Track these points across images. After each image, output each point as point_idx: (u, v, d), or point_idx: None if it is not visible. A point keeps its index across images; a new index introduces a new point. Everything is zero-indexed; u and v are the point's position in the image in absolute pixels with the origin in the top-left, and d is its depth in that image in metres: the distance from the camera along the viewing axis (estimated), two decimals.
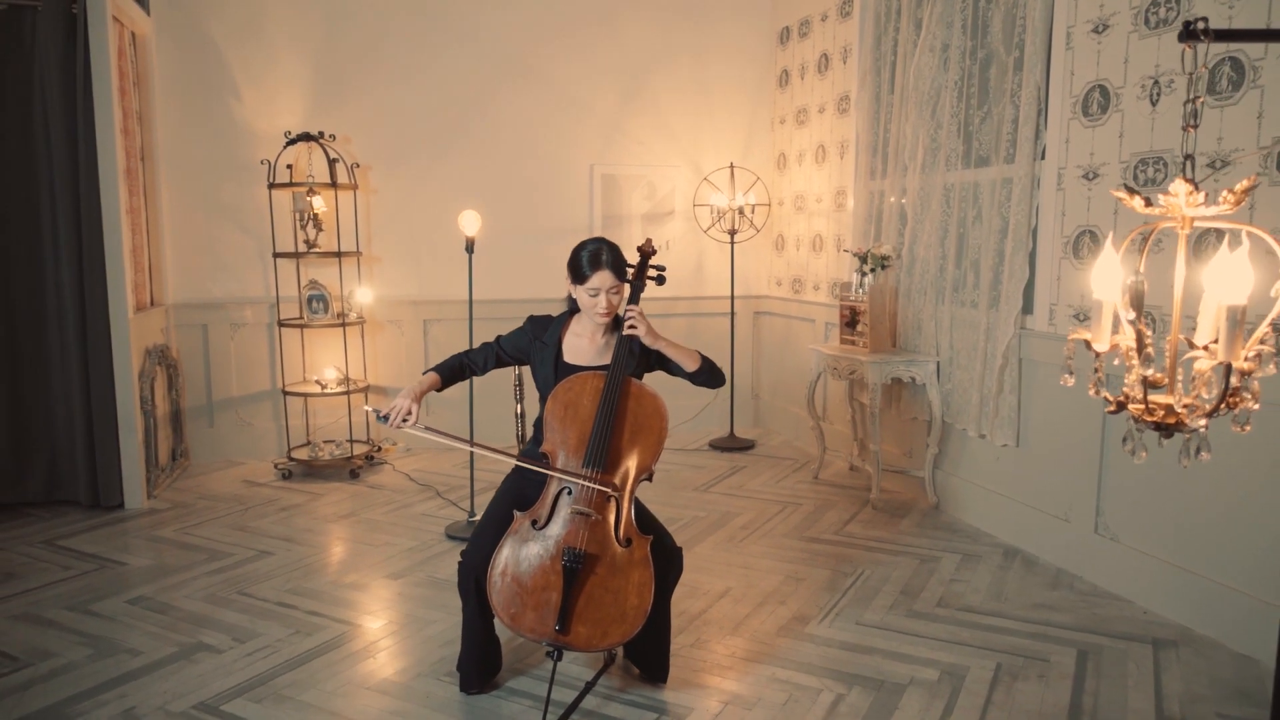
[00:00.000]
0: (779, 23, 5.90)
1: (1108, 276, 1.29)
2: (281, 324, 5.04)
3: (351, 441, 5.19)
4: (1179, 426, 1.25)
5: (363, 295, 5.23)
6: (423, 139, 5.43)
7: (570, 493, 2.48)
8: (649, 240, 2.88)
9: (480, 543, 2.50)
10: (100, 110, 4.09)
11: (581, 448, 2.51)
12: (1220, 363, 1.18)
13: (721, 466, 5.22)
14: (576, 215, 5.78)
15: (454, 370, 2.72)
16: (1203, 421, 1.19)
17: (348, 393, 5.06)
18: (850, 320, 4.62)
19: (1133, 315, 1.24)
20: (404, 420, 2.49)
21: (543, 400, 2.63)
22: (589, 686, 2.61)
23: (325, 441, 5.13)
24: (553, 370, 2.65)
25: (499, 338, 2.80)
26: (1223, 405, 1.20)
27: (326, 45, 5.22)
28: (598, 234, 5.81)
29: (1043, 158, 3.65)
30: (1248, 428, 1.20)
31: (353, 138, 5.29)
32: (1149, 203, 1.25)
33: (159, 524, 4.13)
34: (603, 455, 2.48)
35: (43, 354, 4.26)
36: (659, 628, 2.58)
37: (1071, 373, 1.34)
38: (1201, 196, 1.20)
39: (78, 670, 2.73)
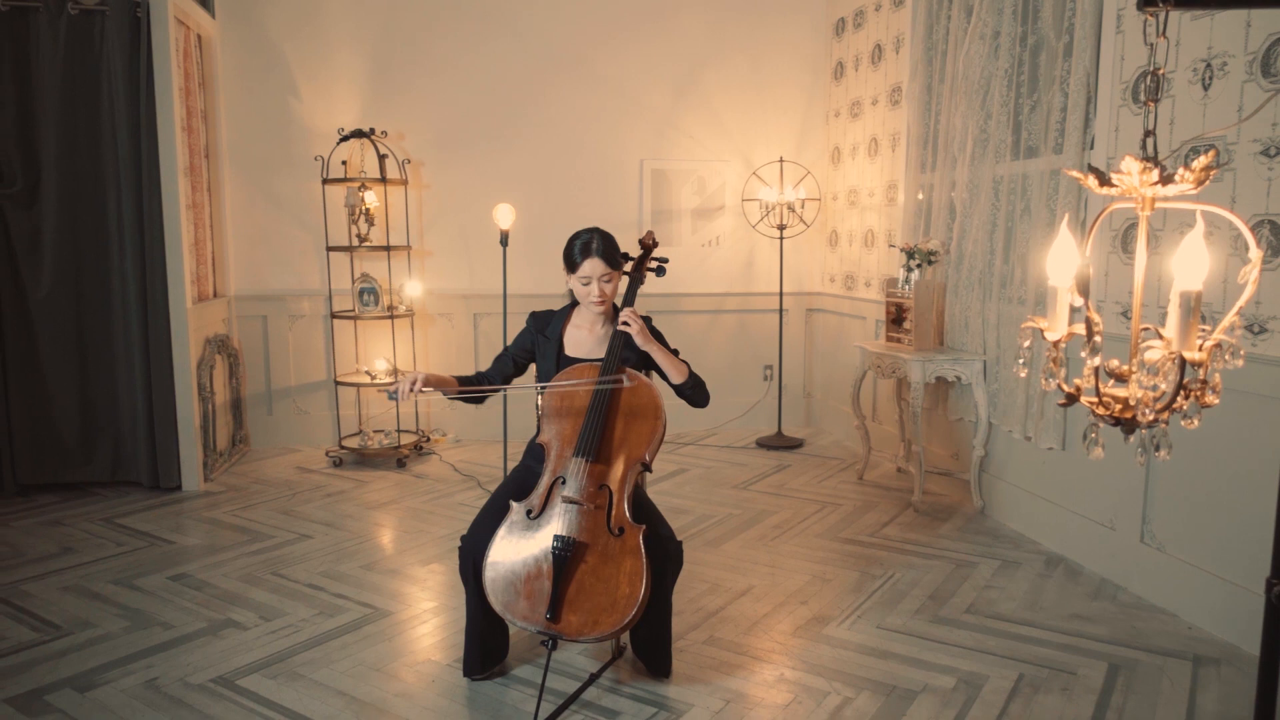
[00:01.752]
0: (834, 14, 5.78)
1: (1063, 261, 1.22)
2: (334, 316, 5.19)
3: (399, 431, 5.31)
4: (1135, 422, 1.17)
5: (412, 288, 5.34)
6: (474, 134, 5.51)
7: (564, 482, 2.49)
8: (650, 233, 2.89)
9: (479, 528, 2.54)
10: (161, 109, 4.29)
11: (576, 438, 2.52)
12: (1170, 353, 1.10)
13: (765, 465, 5.15)
14: (626, 210, 5.78)
15: (470, 380, 2.72)
16: (1149, 416, 1.11)
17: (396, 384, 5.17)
18: (896, 317, 4.50)
19: (1080, 302, 1.17)
20: (411, 388, 2.46)
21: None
22: (592, 678, 2.61)
23: (375, 431, 5.26)
24: (554, 363, 2.68)
25: (507, 346, 2.83)
26: (1180, 399, 1.12)
27: (382, 44, 5.35)
28: (647, 229, 5.80)
29: (1091, 147, 3.49)
30: (1194, 422, 1.12)
31: (406, 134, 5.41)
32: (1104, 182, 1.18)
33: (211, 506, 4.30)
34: (594, 444, 2.49)
35: (109, 342, 4.49)
36: (659, 621, 2.56)
37: (1026, 363, 1.27)
38: (1155, 174, 1.12)
39: (113, 640, 2.87)
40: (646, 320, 2.73)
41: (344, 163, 5.13)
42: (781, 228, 5.60)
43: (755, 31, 5.78)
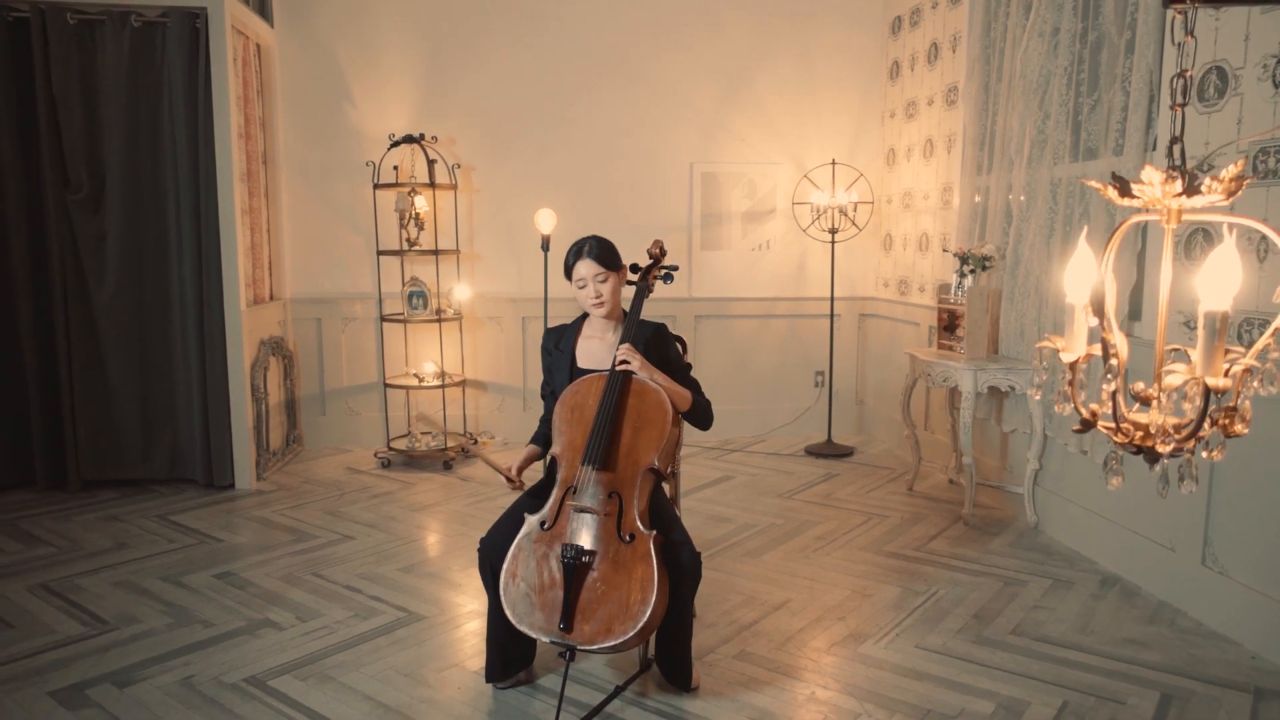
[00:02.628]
0: (890, 13, 5.65)
1: (1080, 277, 1.14)
2: (384, 319, 5.27)
3: (446, 433, 5.36)
4: (1157, 451, 1.09)
5: (460, 292, 5.38)
6: (524, 139, 5.54)
7: (575, 491, 2.47)
8: (658, 242, 2.87)
9: (497, 532, 2.55)
10: (218, 117, 4.40)
11: (585, 446, 2.51)
12: (1191, 378, 1.01)
13: (813, 473, 5.05)
14: (676, 213, 5.74)
15: (548, 437, 2.75)
16: (1169, 445, 1.03)
17: (443, 386, 5.23)
18: (948, 324, 4.37)
19: (1094, 321, 1.09)
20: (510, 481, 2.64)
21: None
22: (617, 691, 2.58)
23: (423, 433, 5.32)
24: (568, 376, 2.69)
25: (542, 387, 2.84)
26: (1206, 427, 1.04)
27: (434, 50, 5.40)
28: (697, 232, 5.76)
29: (1154, 148, 3.32)
30: (1217, 454, 1.03)
31: (457, 138, 5.46)
32: (1124, 193, 1.10)
33: (261, 505, 4.40)
34: (601, 452, 2.47)
35: (168, 343, 4.62)
36: (677, 632, 2.52)
37: (1039, 387, 1.19)
38: (1178, 185, 1.03)
39: (154, 637, 2.94)
40: (660, 328, 2.74)
41: (395, 168, 5.20)
42: (833, 231, 5.49)
43: (808, 32, 5.67)
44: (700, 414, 2.71)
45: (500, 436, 5.67)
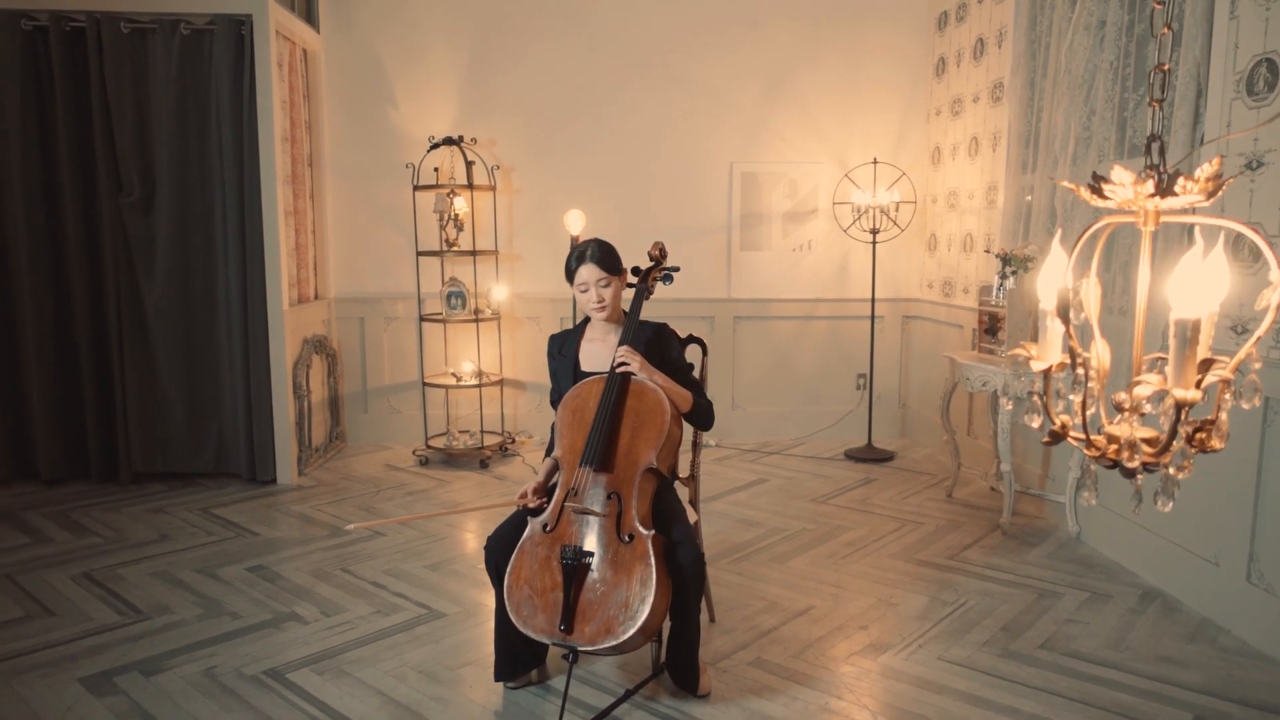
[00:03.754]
0: (937, 8, 5.52)
1: (1053, 280, 1.09)
2: (423, 319, 5.34)
3: (483, 432, 5.41)
4: (1131, 467, 1.04)
5: (498, 292, 5.43)
6: (564, 140, 5.56)
7: (575, 493, 2.46)
8: (658, 244, 2.85)
9: (502, 532, 2.55)
10: (262, 121, 4.51)
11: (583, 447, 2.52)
12: (1159, 390, 0.96)
13: (850, 478, 4.97)
14: (715, 213, 5.70)
15: (550, 445, 2.78)
16: (1136, 463, 0.97)
17: (480, 385, 5.28)
18: (989, 327, 4.25)
19: (1061, 329, 1.04)
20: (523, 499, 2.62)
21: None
22: (627, 694, 2.57)
23: (460, 431, 5.38)
24: (571, 380, 2.70)
25: (551, 395, 2.84)
26: (1177, 443, 0.98)
27: (476, 53, 5.46)
28: (737, 233, 5.71)
29: (1201, 144, 3.18)
30: (1183, 472, 0.97)
31: (497, 140, 5.50)
32: (1096, 193, 1.04)
33: (301, 500, 4.50)
34: (597, 452, 2.47)
35: (214, 341, 4.76)
36: (683, 635, 2.50)
37: (1010, 397, 1.14)
38: (1150, 185, 0.98)
39: (184, 628, 3.02)
40: (661, 328, 2.75)
41: (436, 169, 5.27)
42: (874, 231, 5.39)
43: (853, 33, 5.58)
44: (701, 415, 2.71)
45: (537, 436, 5.70)
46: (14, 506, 4.35)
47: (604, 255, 2.66)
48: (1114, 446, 1.04)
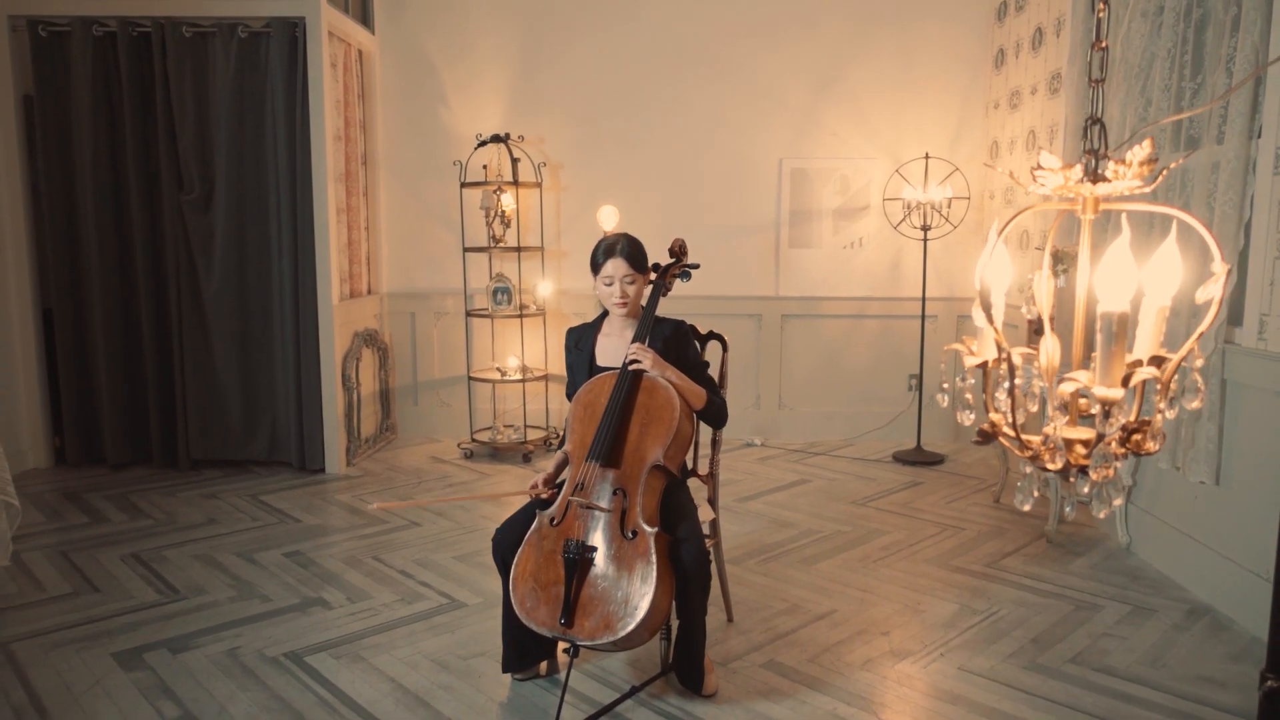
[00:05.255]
0: None
1: (993, 272, 1.04)
2: (470, 314, 5.42)
3: (526, 426, 5.46)
4: (1066, 469, 0.98)
5: (543, 288, 5.47)
6: (611, 137, 5.57)
7: (582, 487, 2.46)
8: (678, 240, 2.80)
9: (511, 525, 2.56)
10: (314, 120, 4.64)
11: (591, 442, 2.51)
12: (1082, 387, 0.90)
13: (896, 480, 4.85)
14: (764, 210, 5.63)
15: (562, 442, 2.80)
16: (1058, 465, 0.92)
17: (523, 380, 5.33)
18: (1039, 327, 4.08)
19: (982, 321, 0.98)
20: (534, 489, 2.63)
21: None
22: (633, 690, 2.56)
23: (505, 425, 5.44)
24: (586, 374, 2.68)
25: (567, 389, 2.84)
26: (1104, 445, 0.92)
27: (525, 49, 5.51)
28: (786, 229, 5.63)
29: (1259, 135, 2.99)
30: (1109, 472, 0.91)
31: (546, 137, 5.55)
32: (1033, 181, 0.98)
33: (346, 489, 4.61)
34: (606, 447, 2.46)
35: (268, 334, 4.92)
36: (687, 632, 2.47)
37: (944, 393, 1.09)
38: (1078, 172, 0.92)
39: (216, 609, 3.13)
40: (679, 325, 2.71)
41: (484, 166, 5.34)
42: (925, 228, 5.24)
43: (908, 28, 5.44)
44: (714, 413, 2.67)
45: None
46: (80, 488, 4.58)
47: (634, 251, 2.65)
48: (1047, 448, 0.98)
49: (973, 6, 5.44)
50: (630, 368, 2.54)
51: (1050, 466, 0.94)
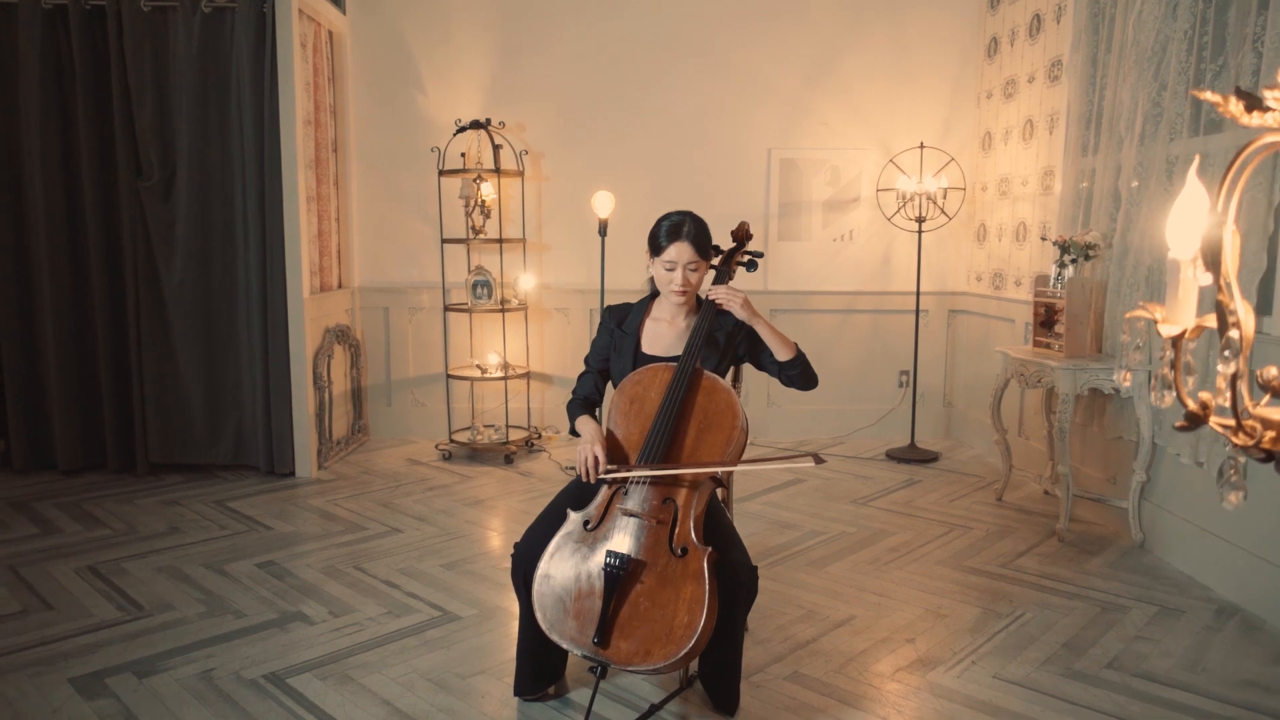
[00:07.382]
0: None
1: (1188, 222, 0.86)
2: (448, 309, 5.16)
3: (509, 427, 5.22)
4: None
5: (525, 282, 5.24)
6: (595, 126, 5.36)
7: (626, 493, 2.24)
8: (743, 224, 2.59)
9: (534, 536, 2.32)
10: (284, 104, 4.36)
11: (642, 443, 2.27)
12: None
13: (893, 479, 4.70)
14: (752, 201, 5.46)
15: (589, 401, 2.57)
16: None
17: (505, 378, 5.09)
18: (1045, 319, 3.97)
19: (1208, 280, 0.80)
20: (595, 469, 2.27)
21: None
22: (653, 709, 2.35)
23: (485, 426, 5.20)
24: (630, 361, 2.46)
25: (588, 360, 2.62)
26: None
27: (507, 35, 5.28)
28: (774, 222, 5.47)
29: None
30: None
31: (527, 125, 5.32)
32: (1251, 108, 0.80)
33: (318, 494, 4.34)
34: (661, 452, 2.23)
35: (233, 330, 4.62)
36: (727, 653, 2.27)
37: (1128, 368, 0.91)
38: None
39: (185, 626, 2.86)
40: (742, 323, 2.48)
41: (463, 154, 5.10)
42: (920, 220, 5.11)
43: (900, 16, 5.31)
44: (804, 368, 2.47)
45: (565, 431, 5.50)
46: (29, 497, 4.24)
47: (700, 236, 2.39)
48: (1271, 434, 0.80)
49: None
50: (722, 308, 2.35)
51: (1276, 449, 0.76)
